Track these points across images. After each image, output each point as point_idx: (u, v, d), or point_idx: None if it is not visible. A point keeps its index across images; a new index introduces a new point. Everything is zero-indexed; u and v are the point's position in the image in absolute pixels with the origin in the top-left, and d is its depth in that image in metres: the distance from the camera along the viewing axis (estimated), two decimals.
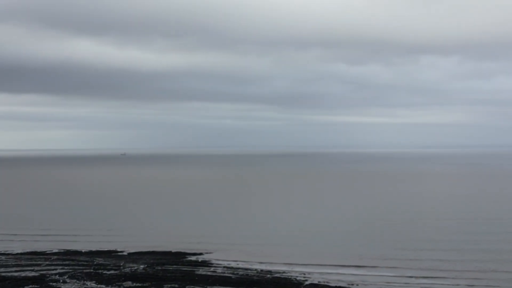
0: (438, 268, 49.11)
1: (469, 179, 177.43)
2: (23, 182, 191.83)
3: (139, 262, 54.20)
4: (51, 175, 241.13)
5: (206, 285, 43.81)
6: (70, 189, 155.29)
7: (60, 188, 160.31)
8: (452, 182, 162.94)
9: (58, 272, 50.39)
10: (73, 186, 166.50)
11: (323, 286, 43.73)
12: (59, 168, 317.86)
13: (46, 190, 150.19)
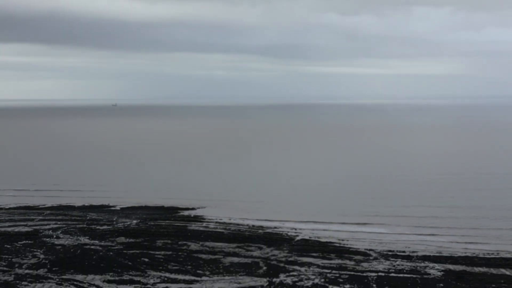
0: (429, 224, 49.73)
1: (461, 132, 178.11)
2: (12, 134, 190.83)
3: (131, 217, 54.54)
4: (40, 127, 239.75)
5: (199, 241, 44.26)
6: (60, 141, 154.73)
7: (50, 140, 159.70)
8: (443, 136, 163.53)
9: (51, 227, 50.66)
10: (64, 139, 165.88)
11: (314, 241, 44.31)
12: (49, 120, 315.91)
13: (36, 143, 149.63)
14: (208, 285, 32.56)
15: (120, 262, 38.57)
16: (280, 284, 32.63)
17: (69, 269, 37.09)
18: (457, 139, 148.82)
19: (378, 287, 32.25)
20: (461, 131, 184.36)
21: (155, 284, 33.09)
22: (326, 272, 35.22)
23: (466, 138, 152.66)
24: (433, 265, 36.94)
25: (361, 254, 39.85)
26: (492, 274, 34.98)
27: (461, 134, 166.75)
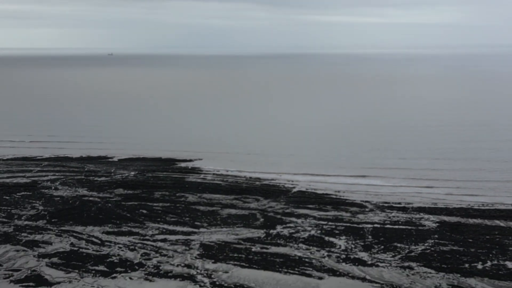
0: (425, 176, 50.01)
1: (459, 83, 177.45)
2: (5, 84, 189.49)
3: (129, 169, 54.76)
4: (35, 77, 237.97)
5: (196, 193, 44.57)
6: (56, 92, 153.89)
7: (46, 91, 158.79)
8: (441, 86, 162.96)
9: (50, 179, 50.89)
10: (60, 89, 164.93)
11: (310, 193, 44.65)
12: (43, 69, 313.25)
13: (31, 94, 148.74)
14: (206, 236, 32.94)
15: (119, 213, 38.92)
16: (277, 235, 33.01)
17: (68, 221, 37.44)
18: (455, 89, 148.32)
19: (373, 239, 32.59)
20: (459, 81, 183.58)
21: (153, 236, 33.46)
22: (323, 224, 35.61)
23: (464, 88, 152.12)
24: (428, 217, 37.36)
25: (357, 206, 40.23)
26: (486, 226, 35.40)
27: (460, 85, 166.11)
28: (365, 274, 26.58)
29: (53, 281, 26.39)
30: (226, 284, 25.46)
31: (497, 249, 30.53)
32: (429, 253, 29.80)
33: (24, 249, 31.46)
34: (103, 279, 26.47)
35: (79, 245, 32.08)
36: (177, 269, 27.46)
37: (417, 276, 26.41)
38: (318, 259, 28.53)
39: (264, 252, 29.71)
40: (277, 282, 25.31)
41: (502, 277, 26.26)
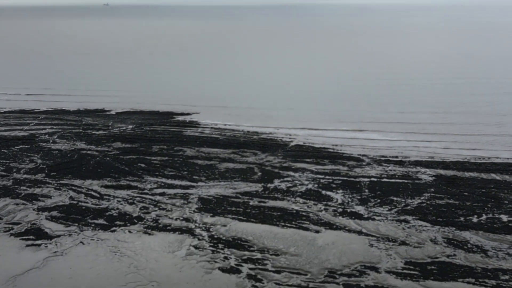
0: (423, 130, 50.04)
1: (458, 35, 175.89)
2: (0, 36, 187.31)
3: (127, 122, 54.70)
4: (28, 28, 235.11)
5: (194, 146, 44.65)
6: (51, 43, 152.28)
7: (40, 42, 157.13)
8: (440, 38, 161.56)
9: (47, 132, 50.87)
10: (55, 40, 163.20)
11: (308, 147, 44.76)
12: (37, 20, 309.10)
13: (26, 45, 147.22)
14: (204, 190, 33.15)
15: (117, 167, 39.07)
16: (275, 189, 33.23)
17: (66, 174, 37.59)
18: (454, 42, 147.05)
19: (370, 192, 32.84)
20: (458, 33, 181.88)
21: (152, 190, 33.66)
22: (320, 178, 35.81)
23: (463, 40, 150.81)
24: (424, 170, 37.57)
25: (354, 160, 40.40)
26: (482, 179, 35.63)
27: (459, 37, 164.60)
28: (362, 228, 26.89)
29: (53, 234, 26.65)
30: (224, 237, 25.76)
31: (492, 202, 30.80)
32: (425, 206, 30.07)
33: (24, 203, 31.67)
34: (102, 232, 26.76)
35: (78, 198, 32.28)
36: (176, 222, 27.74)
37: (413, 229, 26.73)
38: (315, 213, 28.82)
39: (262, 206, 29.96)
40: (275, 236, 25.63)
41: (497, 230, 26.60)
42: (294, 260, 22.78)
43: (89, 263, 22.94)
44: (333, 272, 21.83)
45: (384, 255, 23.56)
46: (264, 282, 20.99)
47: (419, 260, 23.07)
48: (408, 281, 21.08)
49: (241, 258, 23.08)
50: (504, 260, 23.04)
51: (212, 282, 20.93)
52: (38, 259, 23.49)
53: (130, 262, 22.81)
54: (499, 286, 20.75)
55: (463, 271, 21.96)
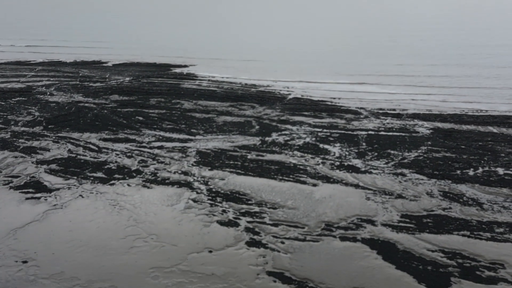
0: (421, 83, 49.89)
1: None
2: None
3: (124, 75, 54.41)
4: None
5: (192, 99, 44.54)
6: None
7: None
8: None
9: (44, 84, 50.66)
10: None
11: (306, 100, 44.68)
12: None
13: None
14: (202, 144, 33.20)
15: (115, 120, 39.03)
16: (272, 143, 33.28)
17: (64, 127, 37.58)
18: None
19: (367, 145, 32.90)
20: None
21: (150, 143, 33.69)
22: (317, 131, 35.84)
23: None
24: (422, 123, 37.59)
25: (352, 113, 40.37)
26: (479, 132, 35.66)
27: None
28: (358, 181, 27.06)
29: (52, 187, 26.81)
30: (222, 190, 25.94)
31: (489, 155, 30.91)
32: (422, 160, 30.20)
33: (22, 156, 31.73)
34: (101, 185, 26.91)
35: (77, 151, 32.34)
36: (174, 176, 27.89)
37: (409, 182, 26.92)
38: (313, 166, 28.96)
39: (260, 160, 30.08)
40: (272, 189, 25.82)
41: (493, 183, 26.79)
42: (292, 214, 23.03)
43: (89, 216, 23.16)
44: (330, 225, 22.10)
45: (381, 208, 23.81)
46: (262, 235, 21.28)
47: (415, 213, 23.32)
48: (404, 234, 21.37)
49: (239, 212, 23.32)
50: (499, 213, 23.30)
51: (210, 235, 21.21)
52: (38, 212, 23.69)
53: (129, 215, 23.04)
54: (493, 239, 21.04)
55: (458, 224, 22.24)
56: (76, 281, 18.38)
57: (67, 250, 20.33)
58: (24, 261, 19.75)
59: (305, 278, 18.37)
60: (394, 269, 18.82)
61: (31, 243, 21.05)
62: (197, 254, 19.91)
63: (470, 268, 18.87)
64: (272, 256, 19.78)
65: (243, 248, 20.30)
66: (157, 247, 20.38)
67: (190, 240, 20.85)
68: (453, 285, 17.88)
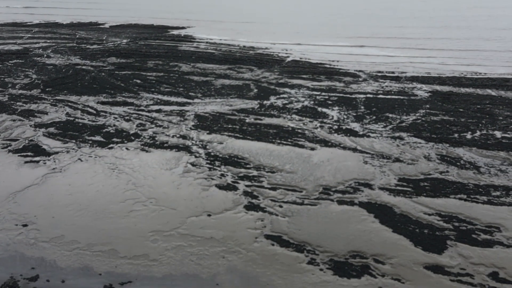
0: (420, 45, 49.58)
1: None
2: None
3: (121, 37, 53.93)
4: None
5: (190, 62, 44.28)
6: None
7: None
8: None
9: (41, 46, 50.27)
10: None
11: (304, 62, 44.45)
12: None
13: None
14: (200, 107, 33.15)
15: (113, 83, 38.86)
16: (271, 106, 33.23)
17: (62, 90, 37.45)
18: None
19: (365, 109, 32.87)
20: None
21: (148, 106, 33.63)
22: (316, 94, 35.76)
23: None
24: (421, 86, 37.49)
25: (351, 76, 40.21)
26: (478, 95, 35.61)
27: None
28: (356, 145, 27.13)
29: (51, 151, 26.85)
30: (220, 154, 26.02)
31: (487, 118, 30.92)
32: (420, 123, 30.22)
33: (21, 119, 31.69)
34: (100, 149, 26.97)
35: (75, 115, 32.29)
36: (173, 140, 27.92)
37: (407, 146, 26.99)
38: (311, 130, 28.98)
39: (258, 124, 30.07)
40: (271, 153, 25.89)
41: (490, 147, 26.87)
42: (290, 177, 23.15)
43: (88, 180, 23.27)
44: (327, 189, 22.24)
45: (378, 172, 23.93)
46: (260, 199, 21.43)
47: (412, 177, 23.46)
48: (401, 197, 21.53)
49: (238, 175, 23.43)
50: (496, 177, 23.44)
51: (209, 199, 21.36)
52: (37, 176, 23.79)
53: (128, 179, 23.15)
54: (490, 202, 21.22)
55: (455, 188, 22.39)
56: (76, 245, 18.58)
57: (67, 213, 20.49)
58: (24, 224, 19.92)
59: (302, 242, 18.58)
60: (390, 232, 19.02)
61: (31, 206, 21.19)
62: (196, 218, 20.08)
63: (466, 231, 19.08)
64: (270, 219, 19.95)
65: (241, 212, 20.47)
66: (156, 211, 20.54)
67: (189, 204, 21.01)
68: (449, 248, 18.09)
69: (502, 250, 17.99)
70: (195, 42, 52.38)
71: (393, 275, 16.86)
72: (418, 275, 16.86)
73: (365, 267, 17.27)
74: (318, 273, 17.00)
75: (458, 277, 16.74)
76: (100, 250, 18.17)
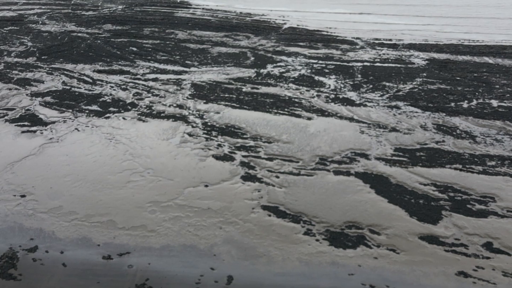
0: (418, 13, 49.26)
1: None
2: None
3: (117, 2, 53.46)
4: None
5: (186, 29, 43.96)
6: None
7: None
8: None
9: (36, 12, 49.80)
10: None
11: (301, 29, 44.19)
12: None
13: None
14: (197, 76, 33.04)
15: (109, 51, 38.63)
16: (268, 75, 33.14)
17: (58, 58, 37.24)
18: None
19: (362, 77, 32.83)
20: None
21: (144, 75, 33.50)
22: (313, 63, 35.64)
23: None
24: (418, 54, 37.39)
25: (348, 43, 40.03)
26: (475, 63, 35.56)
27: None
28: (353, 114, 27.18)
29: (48, 120, 26.85)
30: (217, 124, 26.06)
31: (483, 87, 30.94)
32: (417, 92, 30.23)
33: (17, 88, 31.59)
34: (97, 119, 26.97)
35: (71, 84, 32.19)
36: (170, 109, 27.92)
37: (404, 115, 27.05)
38: (308, 99, 28.98)
39: (255, 93, 30.04)
40: (267, 123, 25.93)
41: (486, 116, 26.96)
42: (286, 148, 23.24)
43: (85, 150, 23.34)
44: (324, 159, 22.37)
45: (375, 141, 24.03)
46: (257, 169, 21.56)
47: (408, 147, 23.58)
48: (396, 167, 21.68)
49: (234, 146, 23.52)
50: (492, 146, 23.58)
51: (206, 169, 21.48)
52: (34, 146, 23.84)
53: (126, 149, 23.22)
54: (485, 172, 21.40)
55: (451, 157, 22.53)
56: (74, 215, 18.74)
57: (64, 184, 20.61)
58: (22, 195, 20.04)
59: (299, 212, 18.77)
60: (386, 203, 19.21)
61: (28, 177, 21.30)
62: (193, 188, 20.23)
63: (461, 201, 19.28)
64: (267, 190, 20.11)
65: (238, 183, 20.62)
66: (154, 182, 20.68)
67: (186, 174, 21.13)
68: (444, 219, 18.32)
69: (496, 220, 18.22)
70: (191, 8, 51.91)
71: (388, 245, 17.10)
72: (413, 245, 17.10)
73: (360, 238, 17.50)
74: (314, 244, 17.23)
75: (453, 247, 16.98)
76: (98, 221, 18.35)
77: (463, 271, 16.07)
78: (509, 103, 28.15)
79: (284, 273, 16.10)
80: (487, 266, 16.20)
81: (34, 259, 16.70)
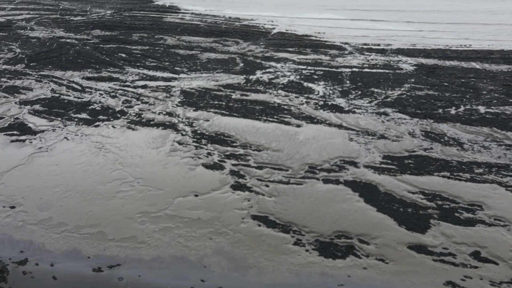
0: (407, 18, 49.44)
1: None
2: None
3: (105, 7, 53.31)
4: None
5: (175, 35, 43.96)
6: None
7: None
8: None
9: (24, 18, 49.64)
10: None
11: (290, 34, 44.32)
12: None
13: None
14: (186, 82, 33.07)
15: (98, 57, 38.57)
16: (257, 81, 33.22)
17: (47, 65, 37.14)
18: None
19: (351, 83, 33.00)
20: None
21: (133, 82, 33.49)
22: (302, 69, 35.76)
23: None
24: (406, 59, 37.61)
25: (337, 49, 40.19)
26: (462, 68, 35.83)
27: None
28: (342, 121, 27.32)
29: (37, 129, 26.80)
30: (207, 132, 26.11)
31: (471, 93, 31.19)
32: (405, 98, 30.43)
33: (5, 96, 31.49)
34: (86, 127, 26.94)
35: (60, 91, 32.13)
36: (159, 117, 27.94)
37: (392, 122, 27.23)
38: (297, 106, 29.10)
39: (244, 100, 30.11)
40: (257, 131, 26.02)
41: (474, 123, 27.19)
42: (276, 156, 23.35)
43: (75, 159, 23.32)
44: (313, 167, 22.49)
45: (363, 149, 24.19)
46: (246, 178, 21.65)
47: (396, 154, 23.75)
48: (385, 176, 21.83)
49: (224, 154, 23.60)
50: (479, 153, 23.80)
51: (196, 179, 21.54)
52: (23, 156, 23.80)
53: (115, 158, 23.23)
54: (473, 180, 21.60)
55: (439, 165, 22.73)
56: (64, 227, 18.74)
57: (54, 195, 20.60)
58: (11, 206, 20.02)
59: (289, 222, 18.88)
60: (375, 211, 19.36)
61: (18, 188, 21.26)
62: (183, 198, 20.28)
63: (449, 210, 19.46)
64: (257, 199, 20.20)
65: (228, 192, 20.70)
66: (144, 192, 20.71)
67: (176, 184, 21.18)
68: (432, 228, 18.49)
69: (484, 229, 18.40)
70: (180, 13, 51.90)
71: (377, 255, 17.24)
72: (401, 255, 17.25)
73: (350, 248, 17.63)
74: (304, 254, 17.34)
75: (441, 257, 17.15)
76: (88, 233, 18.36)
77: (451, 280, 16.24)
78: (496, 109, 28.40)
79: (274, 284, 16.20)
80: (475, 276, 16.37)
81: (24, 272, 16.68)
